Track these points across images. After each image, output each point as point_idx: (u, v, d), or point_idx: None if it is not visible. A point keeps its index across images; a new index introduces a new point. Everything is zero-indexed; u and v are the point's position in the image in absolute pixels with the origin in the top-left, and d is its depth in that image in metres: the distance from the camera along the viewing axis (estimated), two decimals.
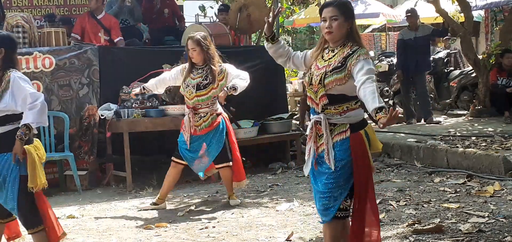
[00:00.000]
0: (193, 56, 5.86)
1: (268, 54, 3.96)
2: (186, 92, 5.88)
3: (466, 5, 10.33)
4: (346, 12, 3.42)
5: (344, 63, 3.37)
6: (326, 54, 3.49)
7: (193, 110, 5.88)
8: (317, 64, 3.50)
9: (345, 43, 3.44)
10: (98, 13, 8.47)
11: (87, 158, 7.58)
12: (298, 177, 7.37)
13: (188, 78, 5.88)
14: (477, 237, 4.30)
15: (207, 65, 5.86)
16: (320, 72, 3.43)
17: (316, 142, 3.49)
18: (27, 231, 3.92)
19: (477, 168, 6.54)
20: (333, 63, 3.41)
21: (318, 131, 3.49)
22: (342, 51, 3.42)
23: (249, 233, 4.88)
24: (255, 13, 9.05)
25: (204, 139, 5.90)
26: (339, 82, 3.37)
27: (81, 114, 7.59)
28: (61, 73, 7.55)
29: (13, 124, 3.78)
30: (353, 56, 3.36)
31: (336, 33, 3.41)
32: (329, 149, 3.41)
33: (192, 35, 5.90)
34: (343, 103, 3.41)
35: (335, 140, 3.43)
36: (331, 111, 3.43)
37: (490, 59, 10.06)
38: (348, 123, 3.42)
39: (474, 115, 9.96)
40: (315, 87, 3.45)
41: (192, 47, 5.83)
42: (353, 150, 3.40)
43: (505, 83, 9.80)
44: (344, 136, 3.42)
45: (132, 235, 5.10)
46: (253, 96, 8.47)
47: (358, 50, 3.38)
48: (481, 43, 16.02)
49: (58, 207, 6.40)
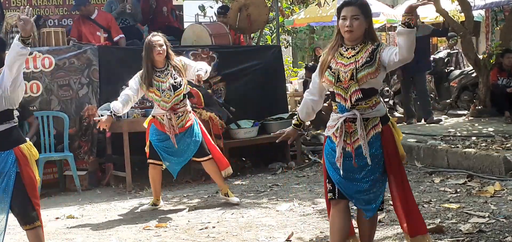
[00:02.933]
0: (160, 58, 5.76)
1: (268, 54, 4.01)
2: (164, 96, 5.76)
3: (466, 4, 10.32)
4: (366, 12, 3.52)
5: (373, 57, 3.48)
6: (346, 51, 3.55)
7: (172, 111, 5.84)
8: (339, 61, 3.54)
9: (365, 41, 3.53)
10: (91, 14, 8.45)
11: (86, 158, 7.58)
12: (298, 177, 7.37)
13: (157, 83, 5.76)
14: (478, 237, 4.29)
15: (168, 64, 5.83)
16: (349, 68, 3.49)
17: (347, 140, 3.53)
18: (22, 227, 3.91)
19: (478, 168, 6.53)
20: (361, 59, 3.49)
21: (348, 129, 3.53)
22: (365, 48, 3.52)
23: (249, 233, 4.87)
24: (255, 13, 9.04)
25: (183, 138, 5.90)
26: (372, 76, 3.46)
27: (80, 114, 7.59)
28: (60, 73, 7.54)
29: (9, 123, 3.78)
30: (378, 49, 3.49)
31: (356, 32, 3.49)
32: (366, 145, 3.49)
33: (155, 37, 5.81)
34: (372, 97, 3.52)
35: (370, 135, 3.51)
36: (362, 106, 3.50)
37: (491, 59, 10.05)
38: (378, 117, 3.53)
39: (475, 115, 9.95)
40: (345, 83, 3.50)
41: (161, 46, 5.75)
42: (386, 142, 3.53)
43: (506, 83, 9.79)
44: (378, 129, 3.53)
45: (132, 235, 5.09)
46: (253, 96, 8.49)
47: (380, 44, 3.53)
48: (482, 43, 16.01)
49: (58, 207, 6.40)
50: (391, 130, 3.59)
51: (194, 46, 8.35)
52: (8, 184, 3.76)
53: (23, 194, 3.80)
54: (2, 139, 3.75)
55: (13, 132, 3.80)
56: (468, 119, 9.87)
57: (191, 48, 8.26)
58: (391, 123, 3.62)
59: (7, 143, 3.77)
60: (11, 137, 3.79)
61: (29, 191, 3.81)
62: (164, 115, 5.81)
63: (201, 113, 7.32)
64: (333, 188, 3.62)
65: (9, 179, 3.76)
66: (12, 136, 3.80)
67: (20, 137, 3.87)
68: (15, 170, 3.76)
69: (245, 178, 7.56)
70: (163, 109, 5.80)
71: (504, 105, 9.50)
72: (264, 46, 12.95)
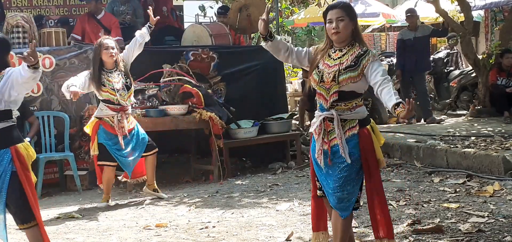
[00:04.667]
0: (110, 59, 5.97)
1: (268, 54, 4.03)
2: (119, 95, 5.96)
3: (466, 5, 10.33)
4: (350, 13, 3.61)
5: (357, 62, 3.56)
6: (334, 53, 3.65)
7: (123, 111, 6.04)
8: (326, 62, 3.64)
9: (353, 43, 3.63)
10: (98, 14, 8.50)
11: (87, 158, 7.59)
12: (298, 177, 7.38)
13: (110, 83, 5.95)
14: (477, 237, 4.30)
15: (116, 68, 6.04)
16: (333, 70, 3.59)
17: (324, 138, 3.63)
18: (19, 227, 3.92)
19: (477, 168, 6.54)
20: (345, 62, 3.57)
21: (327, 127, 3.64)
22: (351, 51, 3.61)
23: (249, 233, 4.89)
24: (255, 13, 9.05)
25: (131, 137, 6.12)
26: (353, 80, 3.55)
27: (81, 114, 7.60)
28: (61, 73, 7.55)
29: (7, 122, 3.79)
30: (365, 57, 3.56)
31: (343, 33, 3.59)
32: (343, 144, 3.59)
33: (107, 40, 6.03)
34: (352, 100, 3.60)
35: (347, 135, 3.61)
36: (341, 107, 3.60)
37: (490, 59, 10.07)
38: (357, 119, 3.62)
39: (474, 115, 9.96)
40: (327, 84, 3.60)
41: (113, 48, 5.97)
42: (362, 144, 3.61)
43: (505, 83, 9.80)
44: (354, 131, 3.62)
45: (132, 235, 5.10)
46: (253, 96, 8.50)
47: (368, 51, 3.59)
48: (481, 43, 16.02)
49: (58, 207, 6.41)
50: (369, 133, 3.66)
51: (194, 46, 8.36)
52: (3, 182, 3.77)
53: (19, 193, 3.80)
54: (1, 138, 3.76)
55: (10, 131, 3.81)
56: (468, 119, 9.89)
57: (191, 48, 8.27)
58: (371, 127, 3.69)
59: (4, 142, 3.77)
60: (8, 136, 3.79)
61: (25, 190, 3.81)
62: (114, 116, 6.02)
63: (201, 113, 7.34)
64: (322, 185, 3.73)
65: (5, 177, 3.77)
66: (10, 135, 3.80)
67: (18, 137, 3.87)
68: (10, 169, 3.77)
69: (245, 178, 7.57)
70: (114, 109, 6.00)
71: (504, 105, 9.52)
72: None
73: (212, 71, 8.22)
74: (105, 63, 5.99)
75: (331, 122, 3.61)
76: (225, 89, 8.24)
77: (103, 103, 6.07)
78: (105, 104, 6.04)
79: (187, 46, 8.41)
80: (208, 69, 8.19)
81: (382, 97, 3.48)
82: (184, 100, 7.56)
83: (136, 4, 9.38)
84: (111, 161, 6.15)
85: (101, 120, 6.07)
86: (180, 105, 7.43)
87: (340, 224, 3.68)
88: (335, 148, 3.61)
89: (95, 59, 6.00)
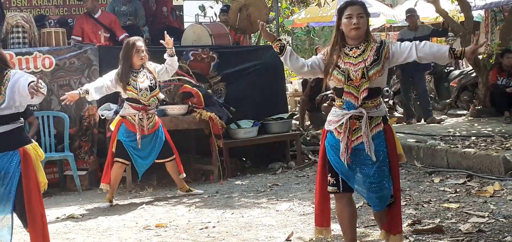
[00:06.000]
0: (140, 61, 6.15)
1: (268, 54, 4.08)
2: (141, 95, 6.13)
3: (466, 5, 10.33)
4: (366, 11, 3.71)
5: (379, 56, 3.63)
6: (351, 51, 3.69)
7: (144, 111, 6.16)
8: (347, 60, 3.67)
9: (368, 39, 3.70)
10: (95, 13, 8.48)
11: (87, 158, 7.59)
12: (298, 177, 7.38)
13: (133, 83, 6.11)
14: (477, 237, 4.30)
15: (142, 67, 6.21)
16: (359, 67, 3.64)
17: (349, 136, 3.67)
18: (25, 229, 3.93)
19: (477, 168, 6.54)
20: (368, 58, 3.64)
21: (352, 126, 3.67)
22: (369, 46, 3.68)
23: (249, 233, 4.88)
24: (255, 13, 9.05)
25: (150, 139, 6.27)
26: (379, 74, 3.63)
27: (81, 114, 7.60)
28: (61, 73, 7.55)
29: (16, 124, 3.81)
30: (383, 47, 3.67)
31: (363, 30, 3.66)
32: (370, 142, 3.64)
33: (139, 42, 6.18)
34: (377, 96, 3.68)
35: (373, 133, 3.66)
36: (368, 104, 3.65)
37: (490, 59, 10.06)
38: (381, 116, 3.69)
39: (474, 115, 9.95)
40: (356, 81, 3.64)
41: (143, 52, 6.15)
42: (388, 140, 3.69)
43: (505, 83, 9.79)
44: (380, 128, 3.69)
45: (132, 235, 5.10)
46: (253, 96, 8.49)
47: (384, 41, 3.70)
48: None
49: (58, 207, 6.41)
50: (392, 129, 3.76)
51: (194, 46, 8.35)
52: (12, 184, 3.78)
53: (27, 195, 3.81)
54: (8, 139, 3.77)
55: (19, 133, 3.83)
56: (468, 119, 9.88)
57: (191, 48, 8.27)
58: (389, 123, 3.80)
59: (13, 143, 3.80)
60: (17, 137, 3.82)
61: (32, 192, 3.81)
62: (136, 115, 6.15)
63: (201, 113, 7.34)
64: (337, 182, 3.74)
65: (13, 179, 3.77)
66: (18, 137, 3.83)
67: (26, 138, 3.91)
68: (20, 170, 3.78)
69: (245, 178, 7.57)
70: (136, 108, 6.14)
71: (504, 105, 9.50)
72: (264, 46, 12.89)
73: (212, 71, 8.22)
74: (134, 63, 6.16)
75: (357, 120, 3.65)
76: (225, 89, 8.24)
77: (127, 102, 6.22)
78: (129, 103, 6.20)
79: (187, 46, 8.41)
80: (208, 69, 8.19)
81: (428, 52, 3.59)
82: (184, 100, 7.56)
83: (138, 4, 9.37)
84: (126, 159, 6.28)
85: (124, 119, 6.23)
86: (180, 105, 7.43)
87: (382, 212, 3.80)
88: (360, 146, 3.65)
89: (126, 59, 6.13)
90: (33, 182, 3.83)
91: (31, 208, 3.82)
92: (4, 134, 3.77)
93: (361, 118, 3.64)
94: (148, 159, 6.36)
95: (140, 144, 6.20)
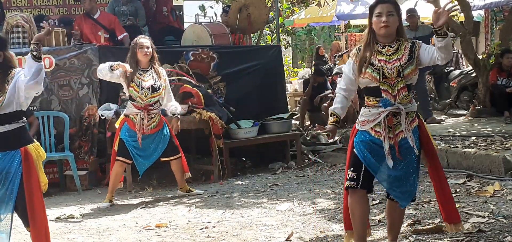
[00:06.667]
0: (145, 58, 6.18)
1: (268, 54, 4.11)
2: (141, 94, 6.17)
3: (466, 5, 10.32)
4: (397, 9, 3.72)
5: (412, 55, 3.68)
6: (384, 49, 3.71)
7: (146, 111, 6.19)
8: (381, 58, 3.70)
9: (400, 39, 3.72)
10: (93, 13, 8.47)
11: (87, 158, 7.59)
12: (298, 177, 7.38)
13: (138, 81, 6.16)
14: (477, 237, 4.30)
15: (151, 67, 6.25)
16: (394, 65, 3.68)
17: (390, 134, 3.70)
18: (26, 228, 3.93)
19: (477, 168, 6.54)
20: (402, 57, 3.68)
21: (389, 123, 3.70)
22: (402, 45, 3.71)
23: (249, 233, 4.88)
24: (255, 13, 9.05)
25: (152, 139, 6.29)
26: (414, 73, 3.70)
27: (81, 114, 7.60)
28: (61, 73, 7.55)
29: (18, 123, 3.81)
30: (415, 47, 3.71)
31: (392, 28, 3.68)
32: (412, 136, 3.70)
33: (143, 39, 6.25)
34: (410, 92, 3.74)
35: (411, 127, 3.73)
36: (404, 100, 3.71)
37: (490, 59, 10.06)
38: (414, 111, 3.77)
39: (474, 115, 9.95)
40: (391, 80, 3.68)
41: (148, 48, 6.17)
42: (423, 134, 3.77)
43: (505, 83, 9.79)
44: (416, 123, 3.77)
45: (132, 235, 5.10)
46: (253, 96, 8.49)
47: (415, 41, 3.74)
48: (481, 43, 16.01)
49: (58, 207, 6.41)
50: (424, 123, 3.85)
51: (194, 46, 8.35)
52: (14, 184, 3.78)
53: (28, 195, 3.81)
54: (11, 139, 3.78)
55: (21, 132, 3.84)
56: (468, 119, 9.88)
57: (191, 48, 8.27)
58: None
59: (15, 143, 3.80)
60: (19, 137, 3.82)
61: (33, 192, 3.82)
62: (138, 114, 6.19)
63: (201, 113, 7.34)
64: (357, 177, 3.73)
65: (15, 179, 3.78)
66: (20, 136, 3.83)
67: (28, 138, 3.91)
68: (21, 170, 3.78)
69: (245, 178, 7.57)
70: (138, 107, 6.18)
71: (504, 105, 9.50)
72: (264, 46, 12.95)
73: (212, 71, 8.22)
74: (140, 61, 6.22)
75: (394, 117, 3.69)
76: (225, 89, 8.24)
77: (130, 101, 6.28)
78: (131, 102, 6.25)
79: (187, 46, 8.41)
80: (208, 69, 8.19)
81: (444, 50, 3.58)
82: (184, 100, 7.55)
83: (138, 4, 9.37)
84: (128, 158, 6.30)
85: (127, 118, 6.28)
86: (180, 105, 7.42)
87: (398, 214, 3.91)
88: (403, 141, 3.70)
89: (132, 57, 6.19)
90: (34, 182, 3.83)
91: (33, 208, 3.82)
92: (6, 133, 3.77)
93: (397, 115, 3.69)
94: (150, 158, 6.36)
95: (142, 144, 6.22)
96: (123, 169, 6.51)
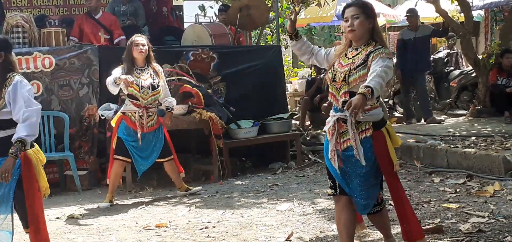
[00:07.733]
0: (140, 55, 6.20)
1: (268, 54, 4.07)
2: (142, 93, 6.19)
3: (466, 5, 10.33)
4: (366, 11, 3.58)
5: (366, 60, 3.50)
6: (350, 52, 3.62)
7: (145, 109, 6.23)
8: (341, 61, 3.62)
9: (369, 42, 3.58)
10: (96, 13, 8.48)
11: (87, 158, 7.58)
12: (298, 177, 7.38)
13: (137, 79, 6.17)
14: (477, 237, 4.30)
15: (148, 65, 6.29)
16: (344, 69, 3.56)
17: (338, 139, 3.60)
18: (25, 230, 3.94)
19: (477, 168, 6.54)
20: (357, 61, 3.54)
21: (340, 128, 3.59)
22: (365, 49, 3.56)
23: (249, 233, 4.88)
24: (255, 13, 9.05)
25: (151, 137, 6.32)
26: (363, 79, 3.46)
27: (81, 114, 7.59)
28: (61, 73, 7.55)
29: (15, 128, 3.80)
30: (375, 53, 3.49)
31: (358, 31, 3.55)
32: (358, 146, 3.52)
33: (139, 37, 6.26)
34: (376, 102, 3.54)
35: (360, 137, 3.55)
36: None
37: (490, 59, 10.06)
38: (371, 122, 3.55)
39: (474, 115, 9.96)
40: (338, 84, 3.57)
41: (144, 45, 6.20)
42: (376, 147, 3.54)
43: (505, 83, 9.80)
44: (367, 134, 3.55)
45: (132, 235, 5.10)
46: (253, 96, 8.49)
47: (380, 48, 3.50)
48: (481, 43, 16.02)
49: (58, 207, 6.41)
50: (384, 136, 3.59)
51: (194, 46, 8.35)
52: (11, 186, 3.79)
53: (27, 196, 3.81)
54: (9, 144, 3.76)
55: None
56: (468, 119, 9.88)
57: (191, 48, 8.27)
58: (386, 129, 3.62)
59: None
60: None
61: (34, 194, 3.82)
62: (136, 112, 6.21)
63: (201, 113, 7.34)
64: (334, 184, 3.69)
65: (13, 181, 3.78)
66: None
67: None
68: (18, 173, 3.78)
69: (245, 178, 7.57)
70: (137, 106, 6.20)
71: (504, 105, 9.51)
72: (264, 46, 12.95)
73: (212, 71, 8.22)
74: (136, 60, 6.24)
75: (345, 123, 3.55)
76: (225, 89, 8.24)
77: (128, 98, 6.28)
78: (130, 100, 6.26)
79: (187, 46, 8.41)
80: (208, 69, 8.18)
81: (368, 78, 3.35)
82: (184, 100, 7.55)
83: (137, 4, 9.37)
84: (126, 157, 6.30)
85: (125, 115, 6.29)
86: (180, 105, 7.42)
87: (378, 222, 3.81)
88: (349, 151, 3.56)
89: (128, 56, 6.22)
90: (34, 184, 3.83)
91: (32, 210, 3.83)
92: (5, 138, 3.77)
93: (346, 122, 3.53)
94: (149, 159, 6.37)
95: (141, 142, 6.22)
96: (123, 168, 6.50)
